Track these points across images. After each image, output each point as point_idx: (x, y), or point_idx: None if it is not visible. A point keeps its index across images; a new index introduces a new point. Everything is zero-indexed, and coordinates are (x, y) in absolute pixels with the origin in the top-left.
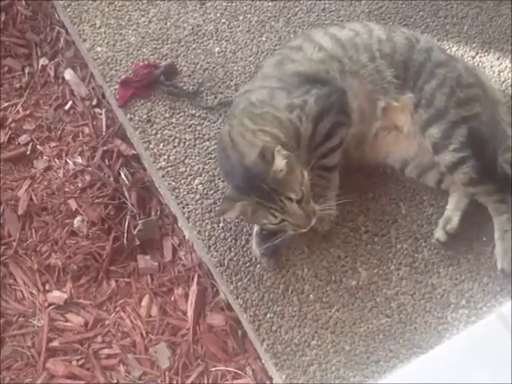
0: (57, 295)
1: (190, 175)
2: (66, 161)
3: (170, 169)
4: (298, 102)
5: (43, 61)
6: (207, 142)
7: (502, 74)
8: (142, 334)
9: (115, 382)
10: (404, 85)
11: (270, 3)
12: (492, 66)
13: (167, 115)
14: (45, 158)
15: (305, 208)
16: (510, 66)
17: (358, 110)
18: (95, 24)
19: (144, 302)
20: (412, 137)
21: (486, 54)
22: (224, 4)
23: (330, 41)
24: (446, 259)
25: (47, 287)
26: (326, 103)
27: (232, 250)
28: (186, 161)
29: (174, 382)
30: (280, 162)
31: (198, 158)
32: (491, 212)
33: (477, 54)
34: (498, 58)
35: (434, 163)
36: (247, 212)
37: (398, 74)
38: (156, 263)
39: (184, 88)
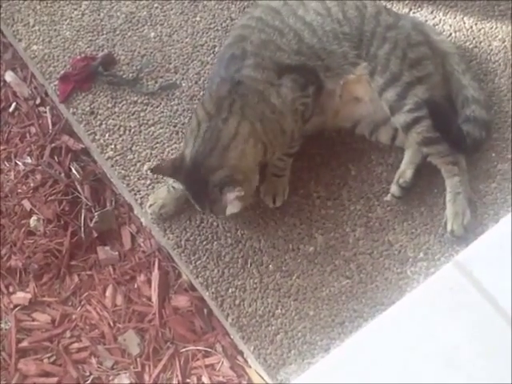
0: (21, 296)
1: (139, 161)
2: (15, 162)
3: (118, 158)
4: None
5: None
6: (152, 127)
7: (436, 27)
8: (109, 324)
9: (88, 374)
10: (358, 56)
11: None
12: (426, 21)
13: (110, 105)
14: None
15: None
16: (443, 18)
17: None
18: (29, 23)
19: (108, 293)
20: (369, 102)
21: (419, 9)
22: None
23: (306, 30)
24: (399, 215)
25: (11, 289)
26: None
27: (188, 230)
28: (133, 148)
29: (146, 367)
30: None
31: (144, 143)
32: (443, 174)
33: (410, 10)
34: (432, 12)
35: (386, 120)
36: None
37: (354, 48)
38: (116, 253)
39: (123, 76)
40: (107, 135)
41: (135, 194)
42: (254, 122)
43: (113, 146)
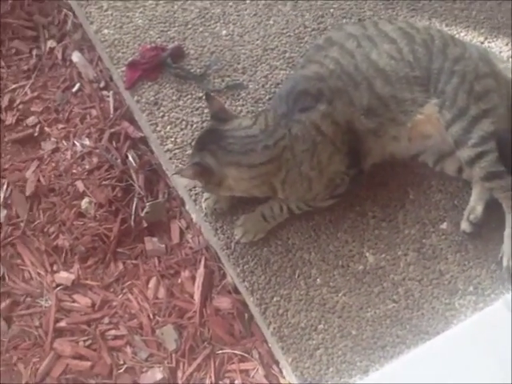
0: (64, 276)
1: None
2: (73, 142)
3: (177, 151)
4: None
5: (51, 43)
6: None
7: (510, 59)
8: (148, 316)
9: (122, 363)
10: (426, 94)
11: None
12: (501, 52)
13: (174, 98)
14: (52, 139)
15: None
16: None
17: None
18: (102, 6)
19: (151, 284)
20: (438, 135)
21: (494, 39)
22: None
23: (378, 77)
24: (454, 245)
25: (55, 268)
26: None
27: None
28: (193, 143)
29: (181, 364)
30: None
31: None
32: (505, 209)
33: (485, 39)
34: (507, 44)
35: (453, 151)
36: None
37: (424, 91)
38: (163, 245)
39: (191, 71)
40: (168, 127)
41: (190, 190)
42: (281, 168)
43: (173, 139)
